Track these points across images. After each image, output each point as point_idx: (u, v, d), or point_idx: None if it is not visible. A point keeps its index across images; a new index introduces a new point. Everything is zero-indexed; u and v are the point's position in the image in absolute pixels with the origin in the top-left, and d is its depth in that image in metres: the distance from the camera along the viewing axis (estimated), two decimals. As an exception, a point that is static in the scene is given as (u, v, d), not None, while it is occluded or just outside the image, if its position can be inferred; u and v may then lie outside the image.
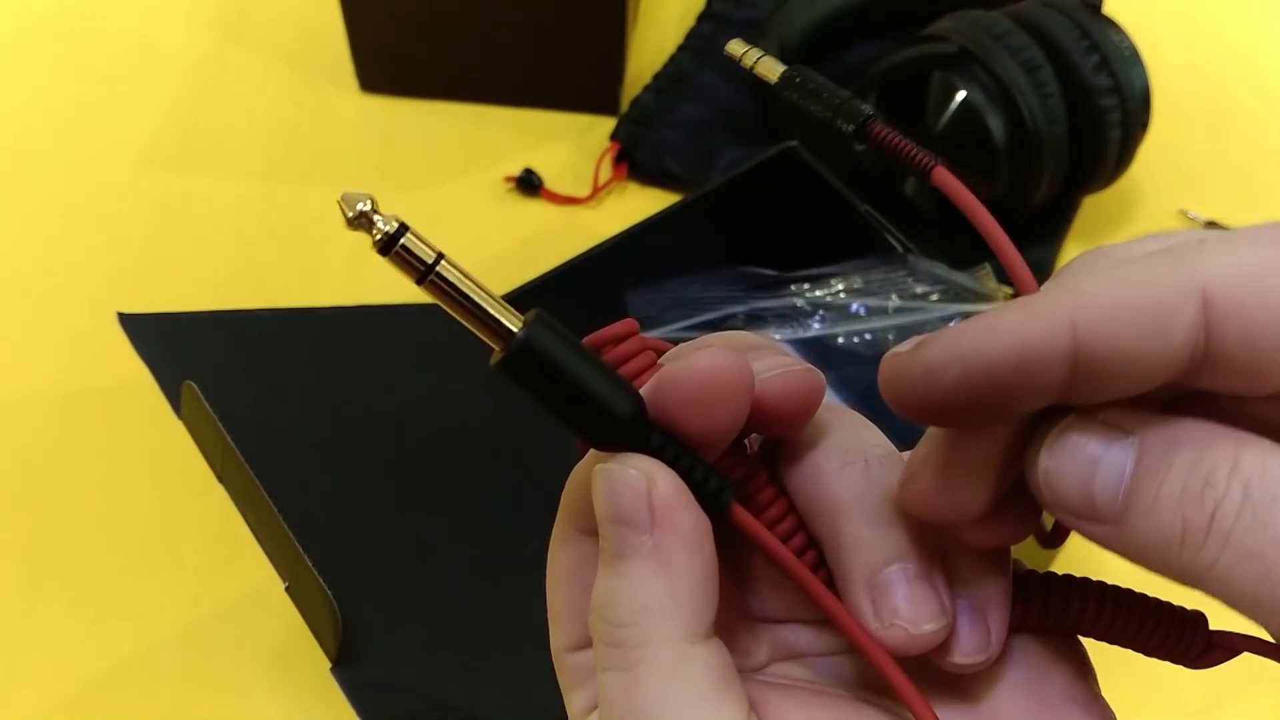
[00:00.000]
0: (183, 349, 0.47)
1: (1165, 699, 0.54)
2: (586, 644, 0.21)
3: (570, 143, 0.77)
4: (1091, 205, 0.74)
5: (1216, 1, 0.89)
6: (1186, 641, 0.21)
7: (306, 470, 0.46)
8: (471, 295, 0.19)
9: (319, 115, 0.79)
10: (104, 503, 0.61)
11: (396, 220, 0.18)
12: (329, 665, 0.39)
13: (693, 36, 0.83)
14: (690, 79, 0.80)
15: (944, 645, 0.20)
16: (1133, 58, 0.66)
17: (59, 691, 0.55)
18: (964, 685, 0.21)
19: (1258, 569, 0.15)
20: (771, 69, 0.24)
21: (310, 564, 0.39)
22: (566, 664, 0.22)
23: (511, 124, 0.78)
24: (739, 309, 0.62)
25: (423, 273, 0.18)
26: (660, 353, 0.21)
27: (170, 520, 0.60)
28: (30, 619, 0.57)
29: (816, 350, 0.63)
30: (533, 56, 0.77)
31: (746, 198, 0.64)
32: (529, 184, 0.74)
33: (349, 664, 0.39)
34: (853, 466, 0.21)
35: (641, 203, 0.75)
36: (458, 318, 0.19)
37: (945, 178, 0.21)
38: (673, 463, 0.19)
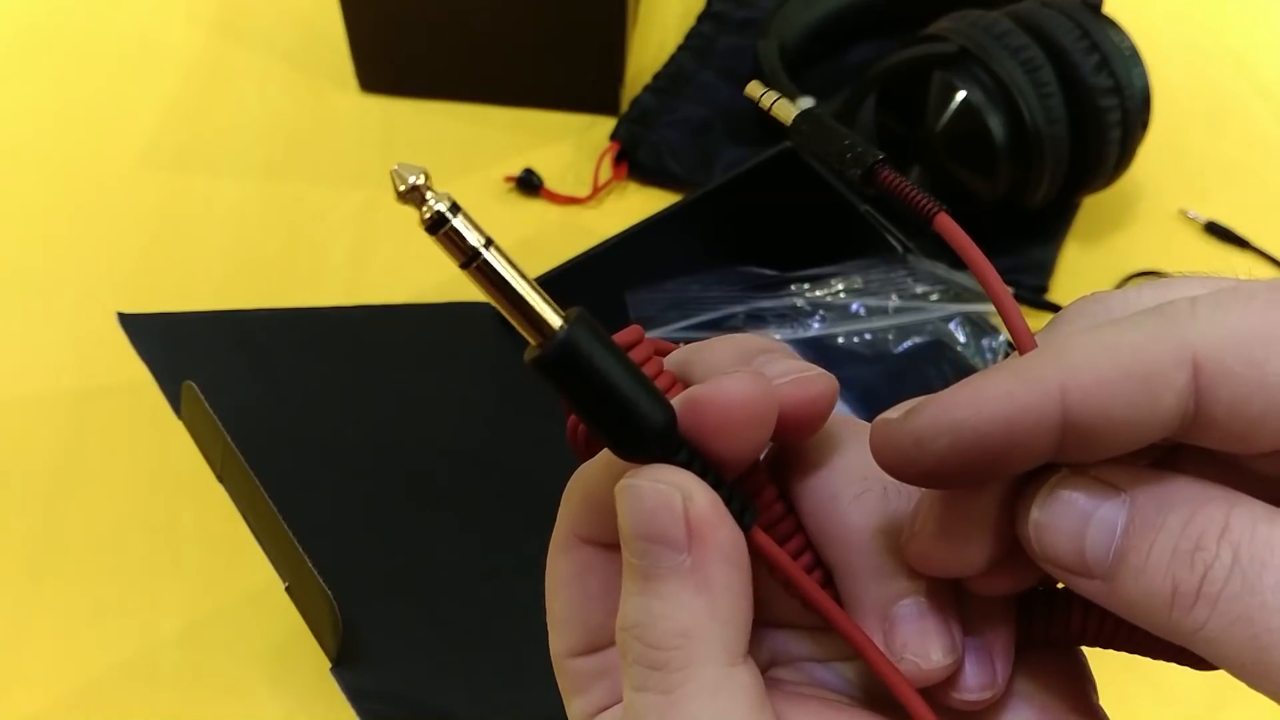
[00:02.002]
0: (183, 349, 0.47)
1: (1165, 699, 0.54)
2: (588, 649, 0.21)
3: (570, 143, 0.77)
4: (1091, 205, 0.74)
5: (1216, 1, 0.89)
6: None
7: (306, 470, 0.46)
8: (516, 286, 0.18)
9: (319, 115, 0.79)
10: (104, 503, 0.61)
11: (449, 199, 0.17)
12: (329, 665, 0.39)
13: (693, 36, 0.83)
14: (690, 79, 0.80)
15: (950, 681, 0.20)
16: (1133, 58, 0.66)
17: (59, 691, 0.55)
18: None
19: (1245, 633, 0.16)
20: (786, 112, 0.24)
21: (310, 564, 0.39)
22: (567, 669, 0.21)
23: (511, 124, 0.78)
24: (739, 309, 0.62)
25: (469, 257, 0.18)
26: (665, 353, 0.21)
27: (170, 520, 0.60)
28: (31, 618, 0.57)
29: (816, 350, 0.63)
30: (533, 56, 0.77)
31: (746, 198, 0.64)
32: (529, 184, 0.74)
33: (349, 664, 0.39)
34: (870, 493, 0.20)
35: (641, 203, 0.75)
36: (498, 307, 0.18)
37: (947, 225, 0.21)
38: (700, 476, 0.19)
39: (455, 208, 0.17)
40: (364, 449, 0.50)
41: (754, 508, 0.19)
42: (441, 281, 0.70)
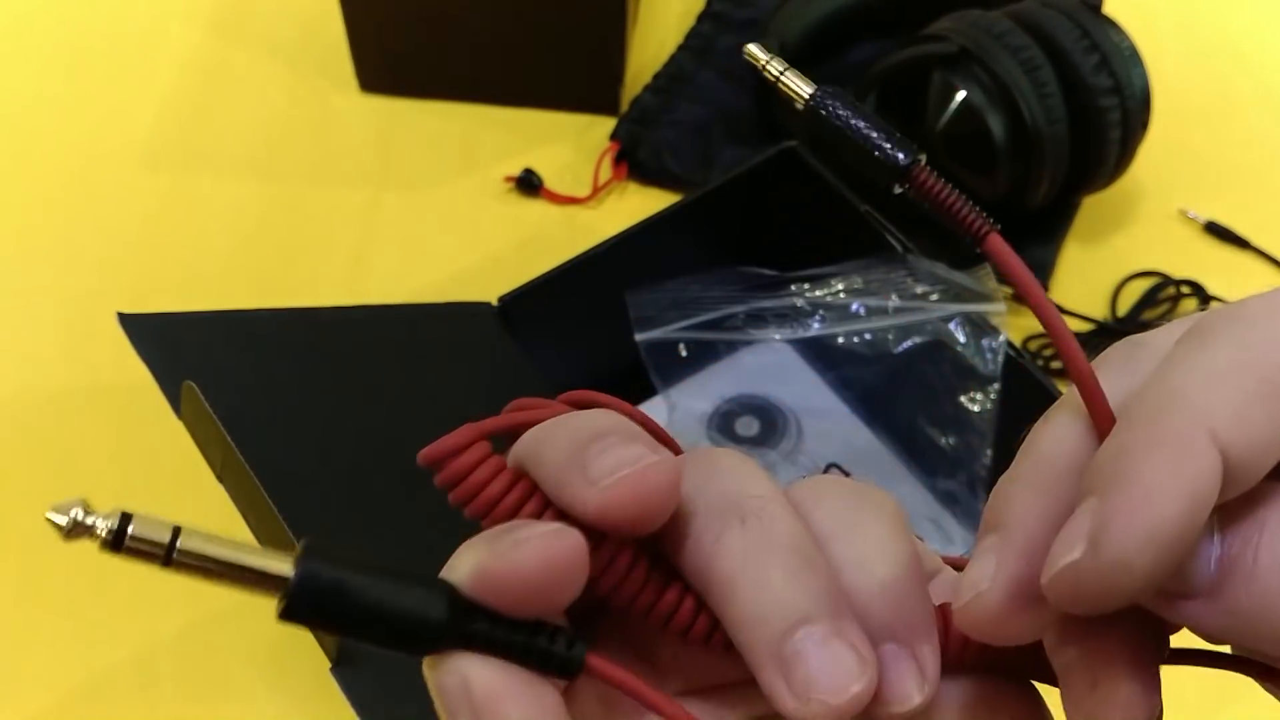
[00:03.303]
0: (183, 349, 0.47)
1: (1165, 699, 0.53)
2: None
3: (570, 143, 0.77)
4: (1091, 205, 0.74)
5: (1217, 1, 0.89)
6: None
7: (306, 470, 0.46)
8: (229, 555, 0.17)
9: (319, 115, 0.79)
10: (104, 502, 0.61)
11: (118, 514, 0.17)
12: (329, 665, 0.39)
13: (693, 36, 0.83)
14: (690, 79, 0.80)
15: (876, 697, 0.18)
16: (1133, 57, 0.66)
17: (59, 691, 0.55)
18: None
19: None
20: (800, 85, 0.21)
21: (310, 564, 0.39)
22: None
23: (511, 124, 0.78)
24: (739, 309, 0.62)
25: (169, 551, 0.17)
26: (521, 428, 0.20)
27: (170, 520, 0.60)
28: (30, 619, 0.57)
29: (816, 350, 0.63)
30: (533, 56, 0.77)
31: (746, 198, 0.64)
32: (529, 184, 0.74)
33: (349, 664, 0.39)
34: (730, 531, 0.19)
35: (641, 203, 0.75)
36: (224, 584, 0.17)
37: (999, 248, 0.19)
38: (506, 643, 0.18)
39: (127, 517, 0.17)
40: (364, 449, 0.50)
41: (584, 640, 0.18)
42: (441, 281, 0.70)
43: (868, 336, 0.61)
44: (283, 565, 0.17)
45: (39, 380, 0.65)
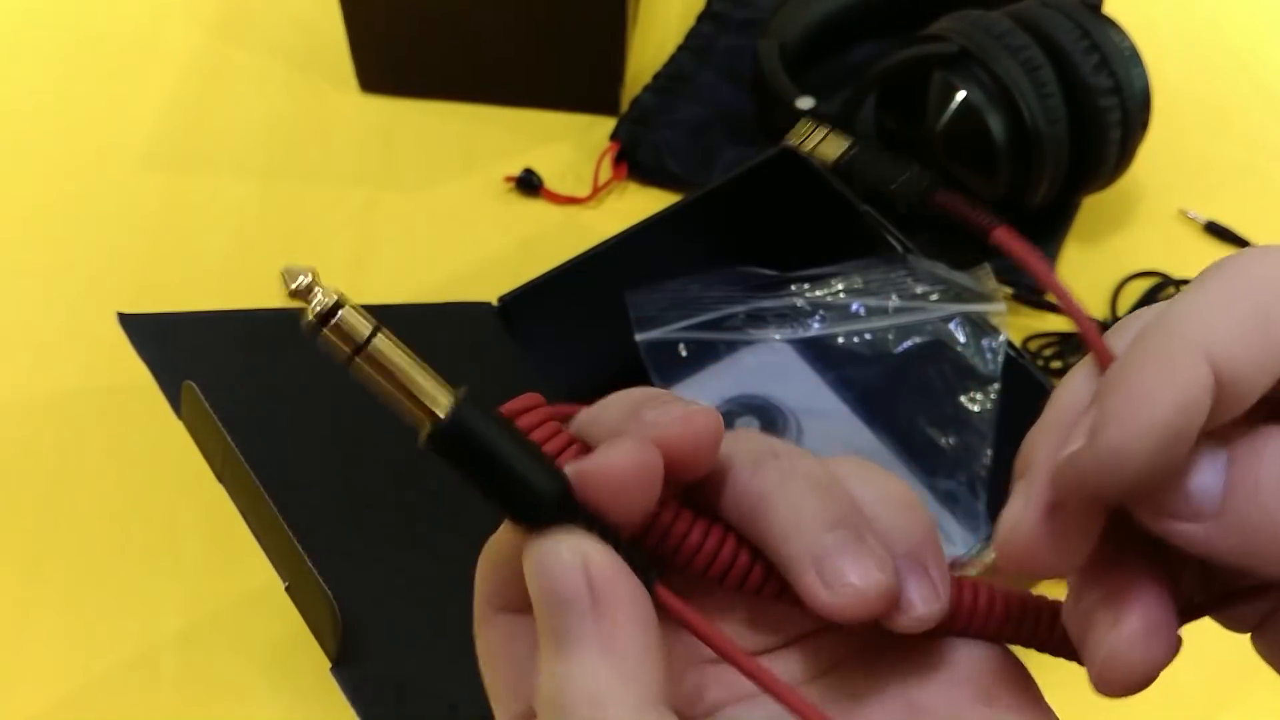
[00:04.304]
0: (183, 349, 0.47)
1: (1165, 699, 0.53)
2: (532, 716, 0.21)
3: (570, 143, 0.77)
4: (1091, 205, 0.74)
5: (1216, 1, 0.89)
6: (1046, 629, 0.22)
7: (306, 470, 0.46)
8: (407, 370, 0.18)
9: (319, 115, 0.79)
10: (104, 503, 0.61)
11: (337, 293, 0.18)
12: (329, 665, 0.39)
13: (693, 36, 0.83)
14: (690, 79, 0.80)
15: (896, 608, 0.20)
16: (1133, 58, 0.66)
17: (59, 691, 0.55)
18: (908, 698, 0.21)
19: None
20: (833, 149, 0.25)
21: (310, 564, 0.39)
22: None
23: (511, 124, 0.78)
24: (739, 309, 0.62)
25: (359, 346, 0.18)
26: (567, 418, 0.21)
27: (170, 520, 0.60)
28: (30, 619, 0.57)
29: (816, 350, 0.63)
30: (532, 56, 0.77)
31: (746, 198, 0.64)
32: (529, 184, 0.74)
33: (349, 664, 0.39)
34: (764, 462, 0.21)
35: (641, 203, 0.75)
36: (384, 392, 0.19)
37: (1005, 237, 0.22)
38: (601, 539, 0.19)
39: (340, 304, 0.18)
40: (364, 449, 0.50)
41: (655, 568, 0.20)
42: (441, 281, 0.70)
43: (868, 336, 0.61)
44: (446, 399, 0.18)
45: (39, 380, 0.65)
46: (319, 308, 0.18)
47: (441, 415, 0.18)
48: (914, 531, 0.21)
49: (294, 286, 0.18)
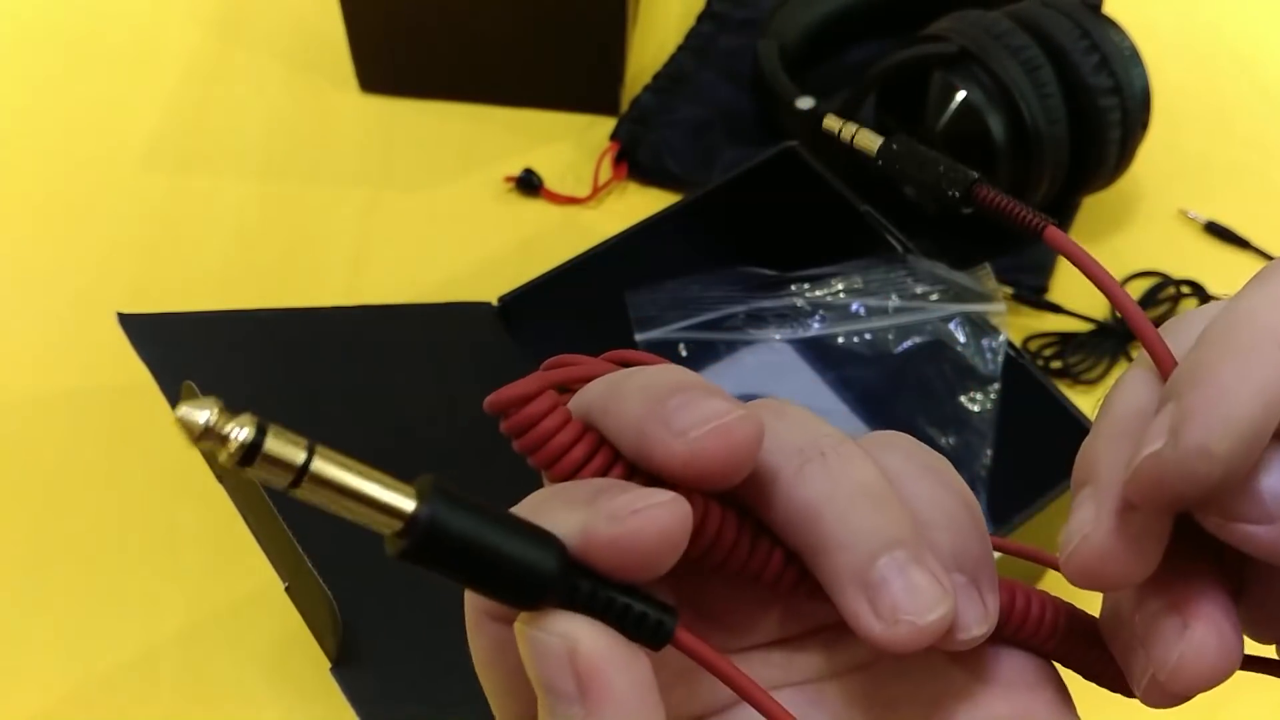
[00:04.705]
0: (183, 349, 0.47)
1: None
2: (528, 716, 0.20)
3: (570, 143, 0.77)
4: (1091, 205, 0.74)
5: (1217, 1, 0.89)
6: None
7: (306, 470, 0.46)
8: (357, 483, 0.16)
9: (319, 115, 0.79)
10: (104, 503, 0.61)
11: (252, 421, 0.15)
12: (329, 665, 0.39)
13: (693, 36, 0.83)
14: (690, 79, 0.80)
15: (949, 636, 0.19)
16: (1133, 58, 0.66)
17: (59, 691, 0.55)
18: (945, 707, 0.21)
19: None
20: (870, 141, 0.24)
21: (310, 564, 0.39)
22: None
23: (511, 124, 0.78)
24: (739, 309, 0.62)
25: (299, 473, 0.16)
26: (585, 381, 0.20)
27: (170, 520, 0.60)
28: (30, 619, 0.57)
29: (816, 350, 0.63)
30: (533, 56, 0.77)
31: (746, 198, 0.64)
32: (529, 184, 0.74)
33: (349, 664, 0.39)
34: (811, 464, 0.19)
35: (641, 203, 0.75)
36: (340, 511, 0.16)
37: (1057, 237, 0.21)
38: (605, 608, 0.18)
39: (263, 431, 0.15)
40: (364, 449, 0.50)
41: (674, 612, 0.18)
42: (441, 281, 0.70)
43: (868, 336, 0.61)
44: (408, 503, 0.16)
45: (39, 380, 0.65)
46: (235, 447, 0.15)
47: (408, 524, 0.16)
48: (970, 544, 0.20)
49: (197, 432, 0.15)
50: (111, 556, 0.59)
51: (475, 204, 0.74)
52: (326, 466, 0.16)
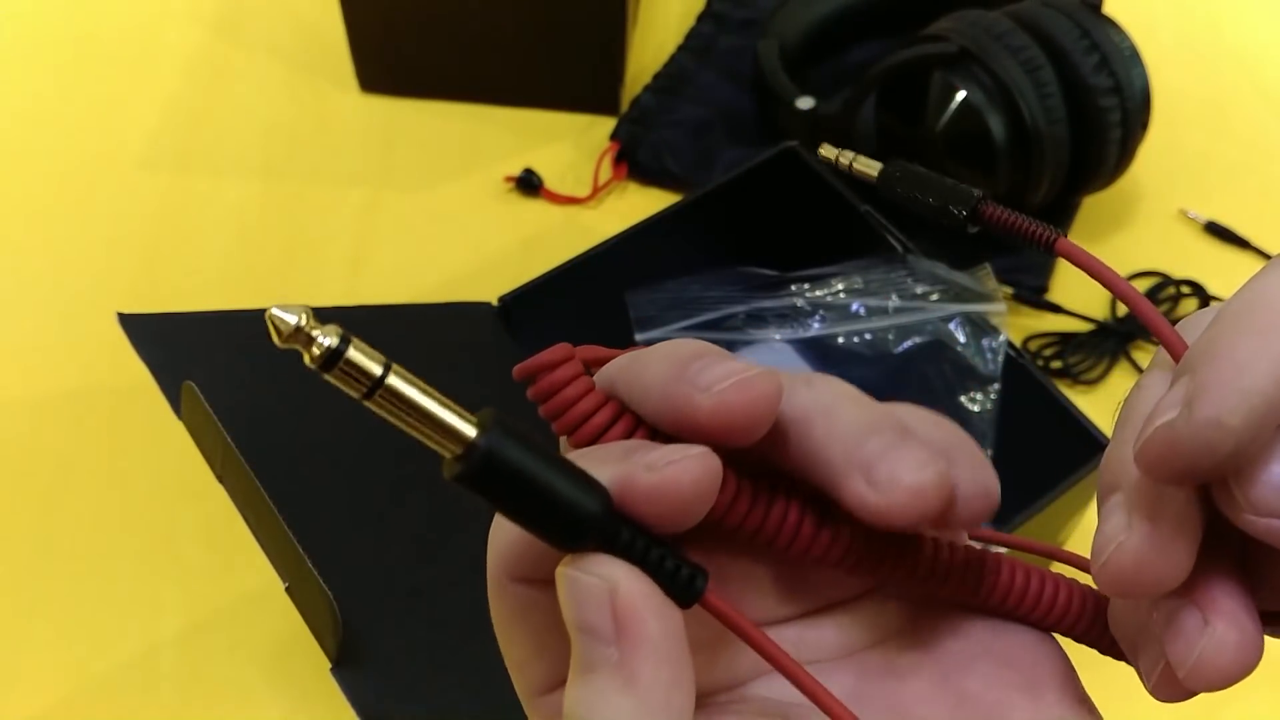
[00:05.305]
0: (183, 349, 0.47)
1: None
2: (554, 685, 0.21)
3: (570, 143, 0.77)
4: (1091, 205, 0.74)
5: (1216, 1, 0.89)
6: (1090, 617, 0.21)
7: (306, 470, 0.46)
8: (425, 404, 0.17)
9: (319, 115, 0.79)
10: (104, 503, 0.61)
11: (338, 332, 0.16)
12: (329, 665, 0.39)
13: (693, 36, 0.83)
14: (690, 79, 0.80)
15: (951, 505, 0.19)
16: (1133, 58, 0.66)
17: (59, 691, 0.55)
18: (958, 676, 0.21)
19: None
20: (869, 167, 0.24)
21: (310, 564, 0.39)
22: (540, 708, 0.21)
23: (511, 124, 0.78)
24: (739, 309, 0.62)
25: (372, 386, 0.17)
26: (601, 362, 0.21)
27: (170, 520, 0.60)
28: (30, 619, 0.57)
29: (817, 350, 0.63)
30: (533, 56, 0.77)
31: (746, 198, 0.64)
32: (529, 184, 0.74)
33: (349, 664, 0.39)
34: (795, 387, 0.20)
35: (641, 203, 0.75)
36: (404, 428, 0.17)
37: (1069, 248, 0.21)
38: (642, 557, 0.18)
39: (346, 339, 0.16)
40: (364, 449, 0.50)
41: (705, 573, 0.19)
42: (441, 281, 0.70)
43: (868, 336, 0.61)
44: (471, 430, 0.17)
45: (39, 380, 0.65)
46: (320, 351, 0.16)
47: (467, 450, 0.17)
48: (951, 433, 0.20)
49: (287, 333, 0.16)
50: (111, 556, 0.59)
51: (475, 204, 0.74)
52: (400, 383, 0.17)
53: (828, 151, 0.24)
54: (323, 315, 0.17)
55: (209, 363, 0.48)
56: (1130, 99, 0.65)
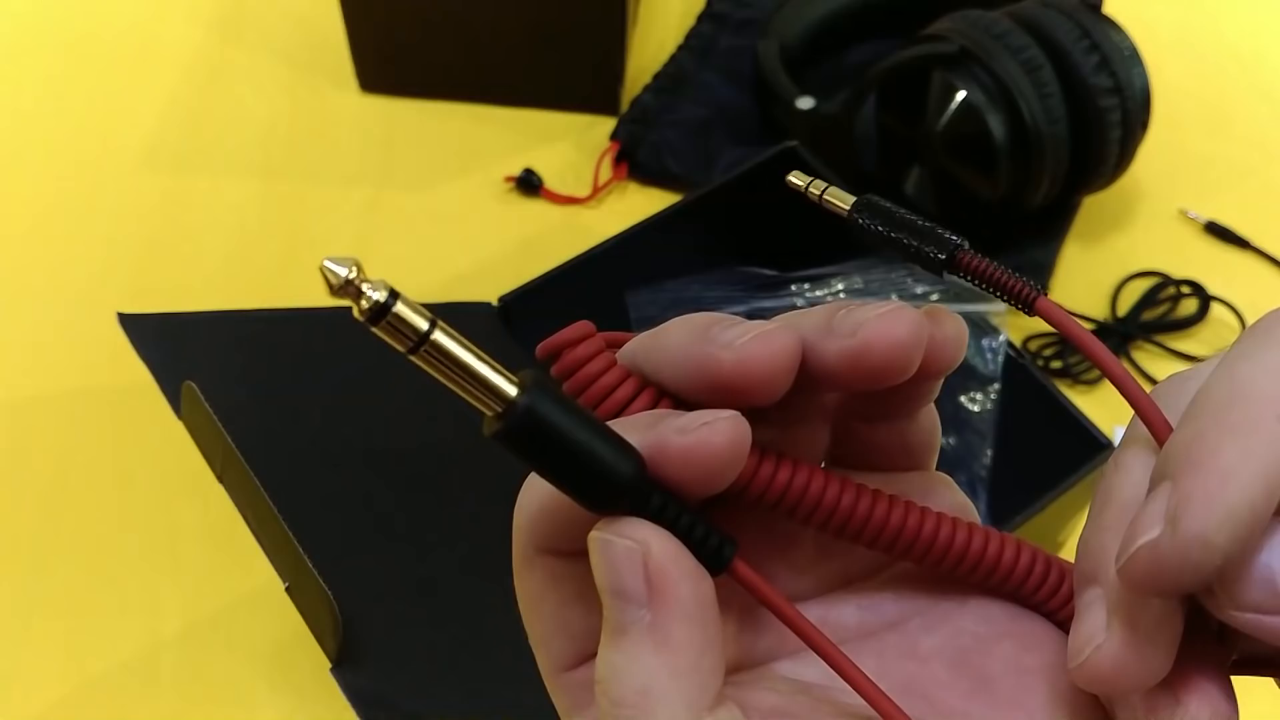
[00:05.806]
0: (183, 349, 0.47)
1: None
2: (578, 661, 0.21)
3: (570, 143, 0.77)
4: (1091, 205, 0.74)
5: (1216, 1, 0.89)
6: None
7: (306, 470, 0.46)
8: (469, 361, 0.17)
9: (319, 115, 0.79)
10: (104, 503, 0.61)
11: (387, 286, 0.17)
12: (329, 665, 0.39)
13: (693, 36, 0.83)
14: (690, 79, 0.80)
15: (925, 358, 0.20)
16: (1133, 58, 0.66)
17: (59, 691, 0.55)
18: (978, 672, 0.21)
19: None
20: (841, 200, 0.24)
21: (310, 564, 0.39)
22: (562, 685, 0.21)
23: (511, 124, 0.78)
24: (739, 309, 0.62)
25: (417, 342, 0.17)
26: (619, 345, 0.21)
27: (170, 520, 0.60)
28: (30, 619, 0.57)
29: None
30: (533, 56, 0.77)
31: (746, 198, 0.64)
32: (529, 184, 0.74)
33: (349, 664, 0.39)
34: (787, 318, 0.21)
35: (641, 203, 0.75)
36: (447, 384, 0.18)
37: (1049, 308, 0.20)
38: (673, 523, 0.18)
39: (395, 295, 0.17)
40: (364, 449, 0.50)
41: (733, 542, 0.19)
42: (441, 281, 0.70)
43: (868, 336, 0.61)
44: (512, 389, 0.17)
45: (39, 380, 0.65)
46: (369, 304, 0.16)
47: (508, 408, 0.17)
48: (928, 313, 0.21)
49: (338, 285, 0.16)
50: (111, 556, 0.59)
51: (475, 204, 0.74)
52: (445, 340, 0.17)
53: (798, 180, 0.24)
54: (323, 315, 0.17)
55: (209, 363, 0.48)
56: (1130, 99, 0.66)
